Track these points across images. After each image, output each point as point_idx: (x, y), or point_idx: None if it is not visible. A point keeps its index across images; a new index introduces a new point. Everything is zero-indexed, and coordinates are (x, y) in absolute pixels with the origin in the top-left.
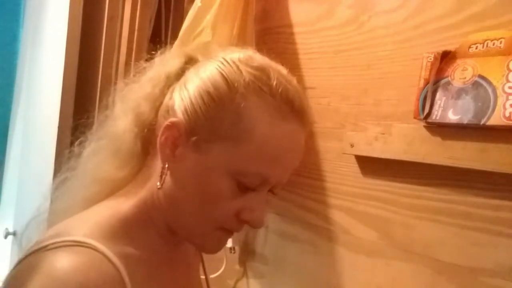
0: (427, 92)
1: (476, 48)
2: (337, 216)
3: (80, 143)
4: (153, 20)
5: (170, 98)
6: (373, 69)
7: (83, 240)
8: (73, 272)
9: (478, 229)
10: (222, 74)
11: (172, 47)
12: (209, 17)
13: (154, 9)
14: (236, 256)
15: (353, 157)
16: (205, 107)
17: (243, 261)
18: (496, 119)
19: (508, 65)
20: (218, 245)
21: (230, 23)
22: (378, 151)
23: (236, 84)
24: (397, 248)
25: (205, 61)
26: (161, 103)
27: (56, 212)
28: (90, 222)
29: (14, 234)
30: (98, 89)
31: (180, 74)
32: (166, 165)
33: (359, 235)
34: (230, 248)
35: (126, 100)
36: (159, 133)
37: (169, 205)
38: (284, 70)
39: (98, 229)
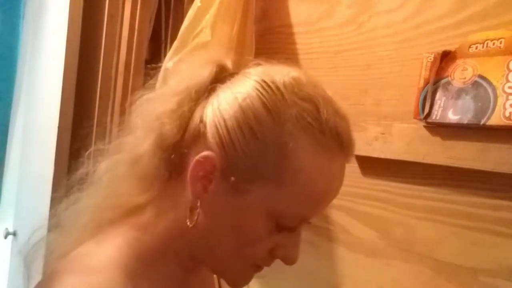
0: (427, 92)
1: (476, 48)
2: (337, 216)
3: (89, 155)
4: (153, 20)
5: (201, 120)
6: (373, 69)
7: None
8: None
9: (478, 229)
10: (265, 104)
11: (171, 47)
12: (208, 17)
13: (154, 9)
14: None
15: (353, 157)
16: (245, 143)
17: None
18: (496, 119)
19: (508, 65)
20: (247, 280)
21: (230, 23)
22: (378, 151)
23: (282, 119)
24: (397, 248)
25: (240, 77)
26: (189, 122)
27: (63, 233)
28: (111, 261)
29: (14, 234)
30: (98, 89)
31: (210, 88)
32: (199, 202)
33: (359, 235)
34: None
35: (146, 116)
36: (191, 164)
37: (201, 242)
38: (330, 98)
39: (120, 270)
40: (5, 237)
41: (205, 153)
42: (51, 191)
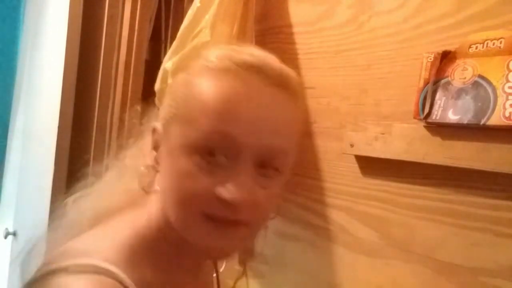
0: (427, 92)
1: (476, 48)
2: (337, 216)
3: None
4: (153, 20)
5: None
6: (373, 69)
7: (105, 267)
8: None
9: (478, 229)
10: (185, 71)
11: (171, 47)
12: (208, 17)
13: (154, 9)
14: (236, 256)
15: (353, 157)
16: (168, 102)
17: (242, 261)
18: (496, 119)
19: (508, 65)
20: (217, 243)
21: (230, 23)
22: (378, 151)
23: (191, 71)
24: (397, 248)
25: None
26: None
27: (65, 225)
28: (110, 243)
29: (14, 234)
30: (98, 89)
31: None
32: (154, 169)
33: (359, 235)
34: None
35: (146, 123)
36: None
37: (163, 210)
38: (247, 47)
39: (118, 252)
40: (5, 237)
41: (152, 126)
42: (51, 191)
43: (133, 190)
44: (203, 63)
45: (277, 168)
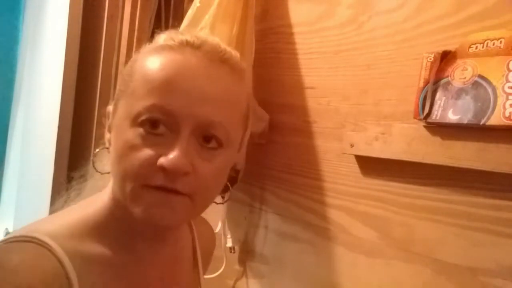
0: (427, 92)
1: (476, 48)
2: (337, 216)
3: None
4: (153, 20)
5: None
6: (373, 69)
7: (38, 237)
8: (13, 269)
9: (478, 229)
10: (134, 54)
11: None
12: (207, 18)
13: (154, 9)
14: (236, 256)
15: (353, 157)
16: (118, 83)
17: (242, 261)
18: (496, 119)
19: (508, 65)
20: (154, 211)
21: (229, 23)
22: (378, 151)
23: (139, 51)
24: (397, 248)
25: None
26: None
27: None
28: (58, 221)
29: None
30: (98, 89)
31: None
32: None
33: (359, 235)
34: (230, 248)
35: None
36: None
37: (112, 184)
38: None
39: (61, 227)
40: None
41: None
42: (51, 191)
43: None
44: (149, 44)
45: (218, 140)
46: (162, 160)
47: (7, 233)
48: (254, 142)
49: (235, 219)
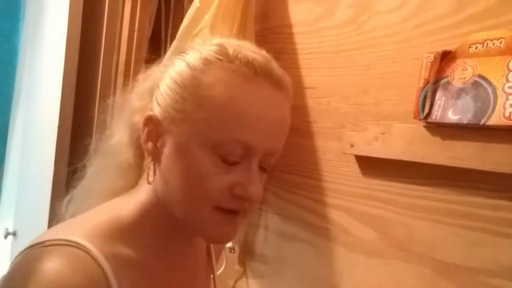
0: (427, 92)
1: (476, 48)
2: (337, 216)
3: (84, 166)
4: (153, 20)
5: (152, 105)
6: (373, 69)
7: (75, 240)
8: (58, 274)
9: (478, 229)
10: (184, 61)
11: (171, 47)
12: (207, 17)
13: (154, 9)
14: (236, 256)
15: (353, 157)
16: (171, 92)
17: (242, 261)
18: (496, 119)
19: (508, 65)
20: (224, 230)
21: (229, 23)
22: (378, 151)
23: (195, 63)
24: (397, 248)
25: (174, 60)
26: (147, 112)
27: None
28: (88, 223)
29: (14, 234)
30: (98, 89)
31: (157, 84)
32: (151, 159)
33: (359, 235)
34: (230, 248)
35: (119, 115)
36: (141, 134)
37: (165, 199)
38: (248, 43)
39: (94, 230)
40: (5, 237)
41: (147, 113)
42: (51, 191)
43: (118, 183)
44: (215, 56)
45: (271, 165)
46: (241, 191)
47: (7, 233)
48: None
49: None
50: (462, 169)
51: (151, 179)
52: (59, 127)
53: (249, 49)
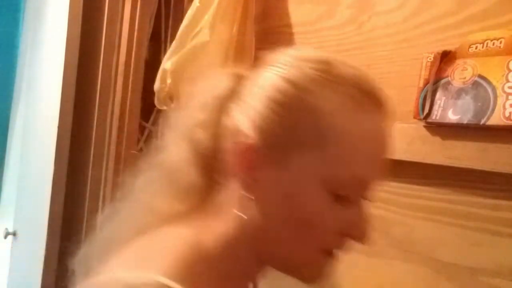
0: (427, 92)
1: (476, 48)
2: None
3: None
4: (153, 20)
5: (231, 120)
6: (373, 69)
7: (167, 283)
8: None
9: (478, 229)
10: (283, 77)
11: (171, 47)
12: (207, 17)
13: (154, 9)
14: None
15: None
16: (276, 116)
17: None
18: (496, 119)
19: (508, 65)
20: (324, 271)
21: (229, 23)
22: None
23: (300, 82)
24: (397, 248)
25: (258, 72)
26: (219, 127)
27: (103, 241)
28: (169, 258)
29: (14, 234)
30: (98, 89)
31: (232, 93)
32: (249, 193)
33: None
34: None
35: (176, 129)
36: (232, 160)
37: (260, 237)
38: (342, 59)
39: (179, 268)
40: (5, 237)
41: (242, 141)
42: (51, 191)
43: (180, 211)
44: (323, 76)
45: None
46: (358, 233)
47: (7, 233)
48: None
49: None
50: (462, 169)
51: (247, 214)
52: (59, 127)
53: (350, 65)
